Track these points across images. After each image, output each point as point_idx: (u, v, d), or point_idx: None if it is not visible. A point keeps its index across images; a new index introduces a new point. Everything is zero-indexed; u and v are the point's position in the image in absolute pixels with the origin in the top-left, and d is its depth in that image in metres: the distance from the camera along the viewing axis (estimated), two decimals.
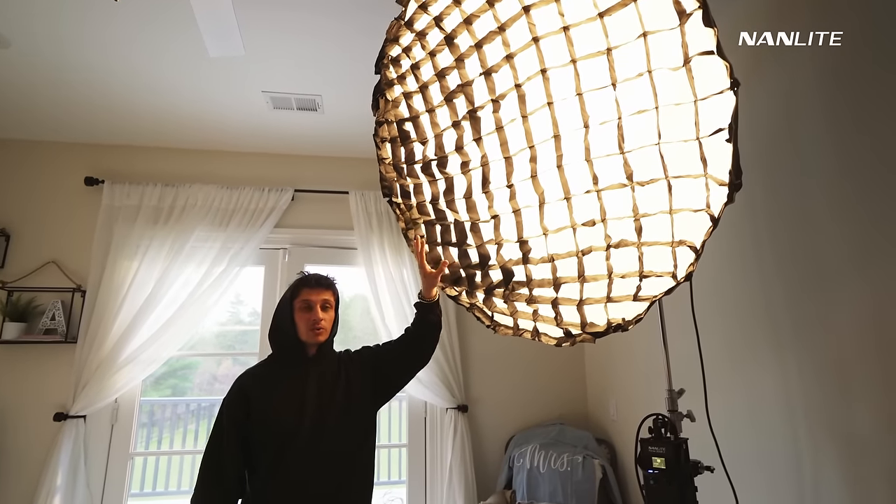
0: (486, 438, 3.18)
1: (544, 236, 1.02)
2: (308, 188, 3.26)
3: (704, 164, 0.83)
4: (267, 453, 1.52)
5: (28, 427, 2.75)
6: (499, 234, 1.17)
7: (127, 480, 2.85)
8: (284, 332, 1.64)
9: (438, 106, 1.19)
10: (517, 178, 1.07)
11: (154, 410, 5.25)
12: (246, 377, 1.63)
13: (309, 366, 1.64)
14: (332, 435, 1.55)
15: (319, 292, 1.67)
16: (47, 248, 2.99)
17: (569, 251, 0.99)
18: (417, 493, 3.10)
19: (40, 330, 2.82)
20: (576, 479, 2.63)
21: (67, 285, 2.92)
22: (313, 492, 1.50)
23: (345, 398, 1.61)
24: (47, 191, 3.08)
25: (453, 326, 3.17)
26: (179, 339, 2.87)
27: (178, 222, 3.00)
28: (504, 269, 1.22)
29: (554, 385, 3.32)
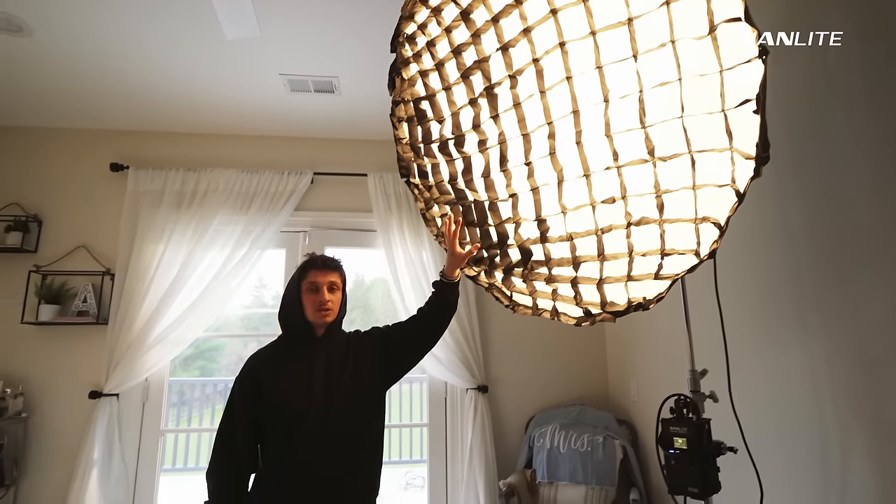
0: (506, 419, 3.19)
1: (563, 214, 1.00)
2: (327, 171, 3.27)
3: (730, 138, 0.80)
4: (276, 434, 1.55)
5: (65, 404, 2.87)
6: (517, 212, 1.16)
7: (159, 456, 2.95)
8: (292, 313, 1.66)
9: (455, 83, 1.17)
10: (535, 156, 1.05)
11: (184, 391, 5.41)
12: (256, 358, 1.66)
13: (317, 346, 1.65)
14: (340, 415, 1.56)
15: (326, 274, 1.68)
16: (77, 233, 3.07)
17: (588, 229, 0.97)
18: (438, 471, 3.14)
19: (73, 312, 2.91)
20: (596, 459, 2.63)
21: (97, 269, 3.00)
22: (322, 474, 1.52)
23: (353, 378, 1.62)
24: (75, 177, 3.15)
25: (473, 307, 3.18)
26: (205, 320, 2.93)
27: (201, 206, 3.04)
28: (522, 249, 1.20)
29: (574, 366, 3.32)
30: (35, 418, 2.84)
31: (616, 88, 0.91)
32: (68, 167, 3.16)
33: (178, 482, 4.80)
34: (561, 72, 0.94)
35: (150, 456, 2.94)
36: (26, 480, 2.78)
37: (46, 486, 2.78)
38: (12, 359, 2.89)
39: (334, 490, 1.52)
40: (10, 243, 2.91)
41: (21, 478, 2.77)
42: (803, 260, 1.64)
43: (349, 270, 1.84)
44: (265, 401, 1.57)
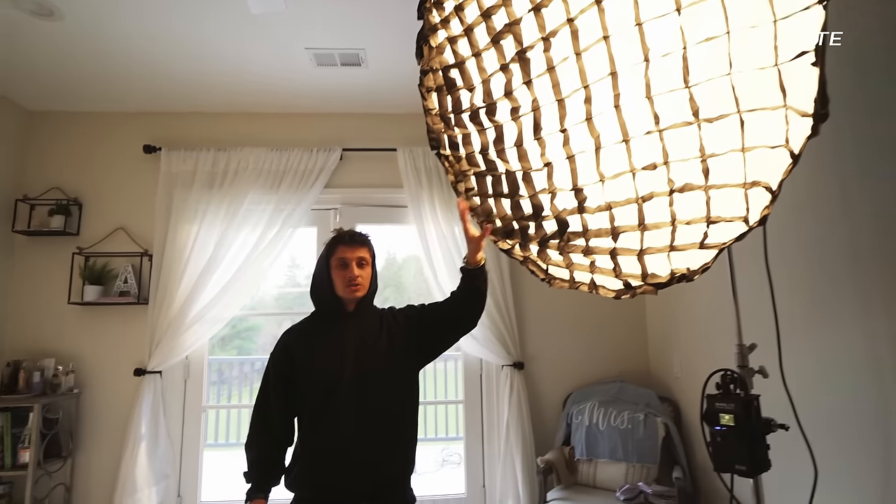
0: (542, 395, 3.21)
1: (601, 183, 0.98)
2: (356, 146, 3.28)
3: (784, 94, 0.76)
4: (310, 406, 1.60)
5: (113, 381, 3.03)
6: (552, 182, 1.13)
7: (202, 431, 3.09)
8: (323, 289, 1.69)
9: (485, 49, 1.15)
10: (571, 122, 1.02)
11: (223, 369, 5.63)
12: (289, 333, 1.71)
13: (348, 321, 1.68)
14: (373, 389, 1.59)
15: (355, 249, 1.69)
16: (115, 216, 3.19)
17: (628, 198, 0.94)
18: (475, 448, 3.19)
19: (115, 292, 3.05)
20: (637, 437, 2.62)
21: (136, 250, 3.12)
22: (356, 448, 1.55)
23: (385, 353, 1.64)
24: (111, 160, 3.26)
25: (507, 282, 3.17)
26: (241, 299, 3.02)
27: (232, 186, 3.11)
28: (559, 220, 1.18)
29: (613, 341, 3.29)
30: (86, 394, 3.02)
31: (657, 46, 0.87)
32: (104, 150, 3.27)
33: (220, 457, 5.03)
34: (597, 31, 0.91)
35: (194, 431, 3.08)
36: (81, 453, 2.97)
37: (99, 459, 2.96)
38: (62, 338, 3.06)
39: (369, 465, 1.55)
40: (53, 226, 3.05)
41: (76, 450, 2.96)
42: (861, 227, 1.56)
43: (380, 248, 1.85)
44: (298, 373, 1.62)
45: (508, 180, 1.29)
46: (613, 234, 1.05)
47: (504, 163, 1.25)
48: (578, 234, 1.18)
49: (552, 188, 1.16)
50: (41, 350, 3.02)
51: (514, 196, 1.31)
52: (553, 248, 1.27)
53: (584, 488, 2.68)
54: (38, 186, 3.17)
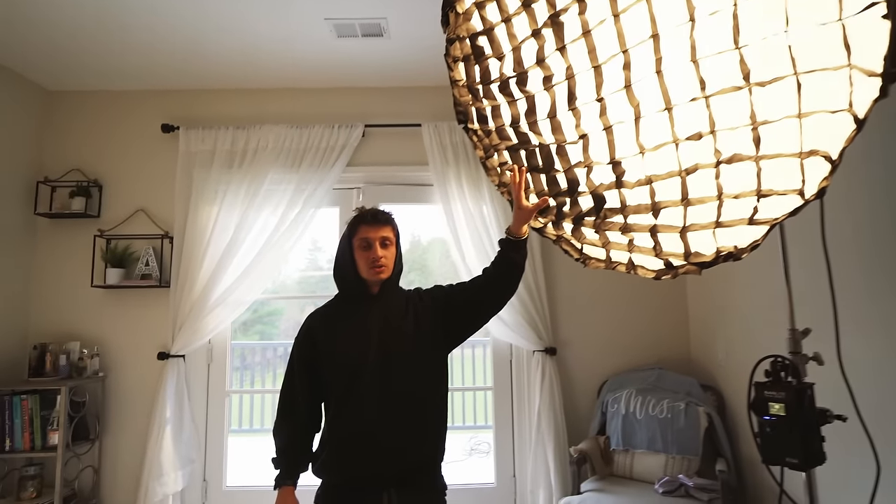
0: (576, 382, 3.20)
1: (641, 155, 0.95)
2: (379, 122, 3.28)
3: (848, 52, 0.72)
4: (335, 390, 1.63)
5: (137, 365, 3.15)
6: (588, 155, 1.11)
7: (226, 416, 3.19)
8: (346, 271, 1.71)
9: (515, 14, 1.12)
10: (608, 90, 0.99)
11: (245, 354, 5.78)
12: (312, 317, 1.74)
13: (372, 304, 1.69)
14: (398, 372, 1.60)
15: (378, 229, 1.69)
16: (135, 197, 3.28)
17: (670, 171, 0.92)
18: (505, 437, 3.21)
19: (137, 275, 3.15)
20: (677, 427, 2.59)
21: (156, 232, 3.21)
22: (382, 433, 1.57)
23: (411, 336, 1.65)
24: (129, 140, 3.33)
25: (538, 262, 3.15)
26: (262, 282, 3.09)
27: (252, 165, 3.15)
28: (595, 195, 1.16)
29: (652, 326, 3.25)
30: (111, 378, 3.14)
31: (704, 4, 0.83)
32: (122, 130, 3.35)
33: (244, 443, 5.19)
34: None
35: (218, 415, 3.18)
36: (108, 435, 3.10)
37: (126, 442, 3.09)
38: (86, 321, 3.18)
39: (395, 450, 1.58)
40: (75, 209, 3.15)
41: (103, 433, 3.09)
42: None
43: (404, 230, 1.85)
44: (322, 358, 1.66)
45: (542, 154, 1.27)
46: (654, 209, 1.03)
47: (537, 136, 1.24)
48: (616, 211, 1.16)
49: (588, 162, 1.14)
50: (66, 333, 3.15)
51: (548, 171, 1.29)
52: (588, 225, 1.25)
53: (620, 480, 2.67)
54: (58, 168, 3.27)
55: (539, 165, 1.31)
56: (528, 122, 1.29)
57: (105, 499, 3.06)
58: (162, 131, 3.26)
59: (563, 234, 1.45)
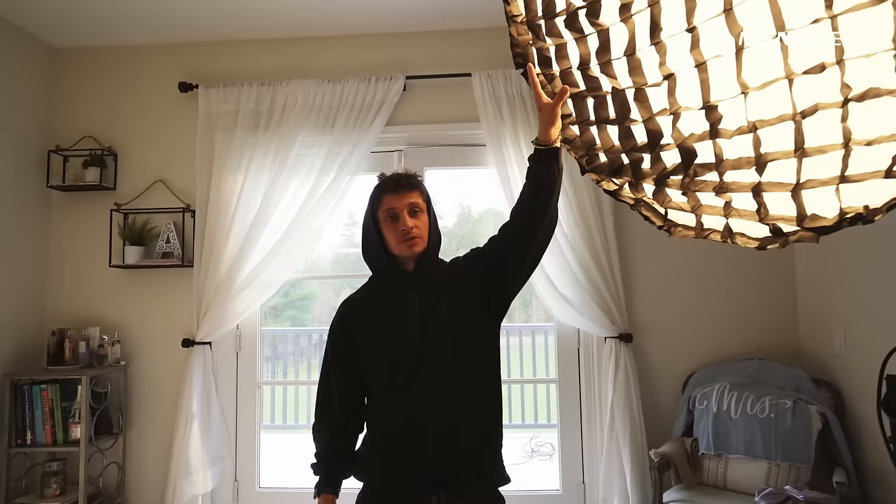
0: (656, 375, 3.16)
1: (743, 96, 0.90)
2: (421, 73, 3.26)
3: None
4: (376, 381, 1.67)
5: (160, 352, 3.31)
6: (675, 99, 1.06)
7: (257, 410, 3.32)
8: (374, 249, 1.71)
9: None
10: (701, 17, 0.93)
11: (276, 343, 5.97)
12: (345, 304, 1.77)
13: (408, 282, 1.69)
14: (440, 355, 1.62)
15: (403, 196, 1.67)
16: (153, 166, 3.40)
17: (781, 114, 0.86)
18: (571, 437, 3.20)
19: (158, 253, 3.29)
20: (783, 429, 2.53)
21: (177, 205, 3.32)
22: (426, 424, 1.59)
23: (451, 311, 1.65)
24: (144, 102, 3.45)
25: (610, 233, 3.11)
26: (294, 259, 3.17)
27: (280, 127, 3.21)
28: (683, 149, 1.11)
29: (750, 308, 3.17)
30: (133, 367, 3.31)
31: None
32: (136, 91, 3.46)
33: (279, 441, 5.40)
34: None
35: (249, 409, 3.31)
36: (133, 429, 3.29)
37: (151, 436, 3.27)
38: (105, 305, 3.35)
39: (443, 443, 1.59)
40: (89, 180, 3.30)
41: (127, 427, 3.28)
42: None
43: (451, 201, 1.85)
44: (357, 349, 1.69)
45: (616, 101, 1.22)
46: (758, 163, 0.97)
47: (610, 79, 1.19)
48: (710, 167, 1.11)
49: (675, 107, 1.09)
50: (85, 318, 3.33)
51: (624, 121, 1.25)
52: (675, 185, 1.20)
53: (711, 489, 2.64)
54: (70, 136, 3.42)
55: (610, 116, 1.27)
56: (600, 63, 1.24)
57: (131, 498, 3.25)
58: (179, 90, 3.35)
59: (642, 197, 1.40)
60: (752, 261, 3.16)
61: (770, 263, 3.18)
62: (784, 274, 3.18)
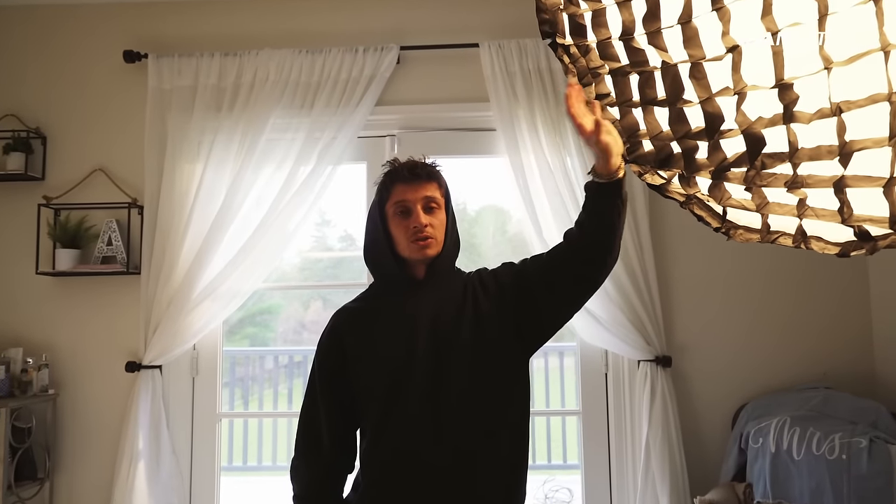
0: (700, 406, 3.18)
1: (826, 72, 0.91)
2: (419, 43, 3.27)
3: None
4: (372, 413, 1.66)
5: (99, 378, 3.29)
6: (740, 76, 1.07)
7: (217, 448, 3.31)
8: (379, 249, 1.72)
9: None
10: None
11: (236, 366, 5.94)
12: (340, 315, 1.78)
13: (419, 292, 1.71)
14: (458, 386, 1.62)
15: (419, 187, 1.69)
16: (91, 152, 3.40)
17: (872, 94, 0.87)
18: (597, 482, 3.21)
19: (97, 258, 3.27)
20: (857, 473, 2.54)
21: (121, 199, 3.32)
22: (433, 467, 1.60)
23: (474, 334, 1.66)
24: (81, 74, 3.44)
25: (645, 234, 3.13)
26: (264, 265, 3.17)
27: (247, 106, 3.22)
28: (749, 135, 1.12)
29: (813, 327, 3.19)
30: (64, 396, 3.29)
31: None
32: (72, 61, 3.45)
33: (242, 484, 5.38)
34: None
35: (207, 447, 3.31)
36: (62, 474, 3.26)
37: (86, 482, 3.24)
38: (32, 320, 3.33)
39: (454, 493, 1.60)
40: (11, 168, 3.28)
41: (55, 470, 3.24)
42: None
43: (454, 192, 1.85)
44: (353, 371, 1.68)
45: (667, 78, 1.23)
46: (842, 153, 0.98)
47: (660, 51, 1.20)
48: (781, 157, 1.12)
49: (740, 86, 1.10)
50: (4, 336, 3.30)
51: (677, 102, 1.26)
52: (736, 180, 1.21)
53: None
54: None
55: (658, 96, 1.28)
56: (648, 33, 1.25)
57: None
58: (124, 61, 3.34)
59: (695, 193, 1.42)
60: (816, 271, 3.19)
61: (838, 274, 3.21)
62: (855, 287, 3.21)
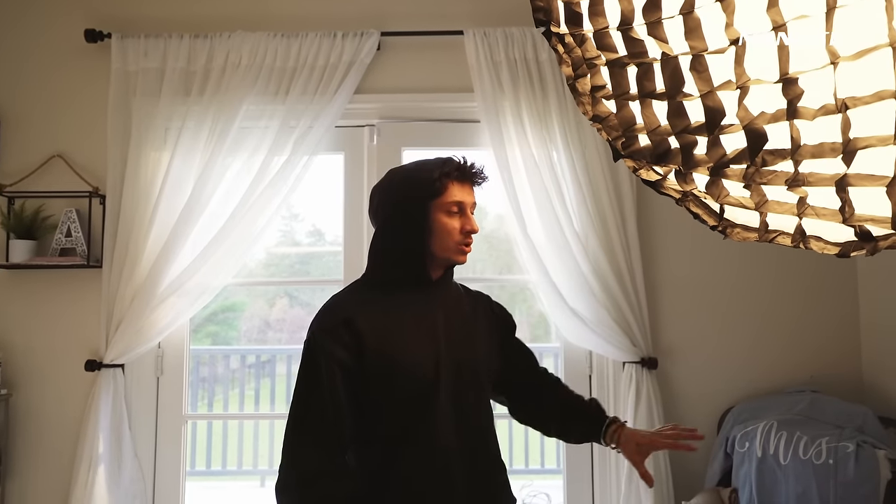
0: (686, 409, 3.22)
1: (832, 67, 0.92)
2: (401, 29, 3.27)
3: None
4: (397, 416, 1.67)
5: (56, 378, 3.25)
6: (743, 70, 1.08)
7: (183, 451, 3.28)
8: (410, 243, 1.71)
9: None
10: None
11: (200, 366, 5.89)
12: (346, 307, 1.71)
13: (434, 292, 1.77)
14: (473, 387, 1.76)
15: (471, 191, 1.78)
16: (49, 137, 3.35)
17: (879, 91, 0.89)
18: (579, 488, 3.24)
19: (54, 250, 3.22)
20: (844, 479, 2.58)
21: (81, 188, 3.27)
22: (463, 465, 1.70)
23: (483, 334, 1.83)
24: (39, 53, 3.39)
25: (632, 232, 3.16)
26: (235, 259, 3.15)
27: (219, 92, 3.19)
28: (751, 131, 1.14)
29: (801, 329, 3.24)
30: (19, 396, 3.24)
31: None
32: (28, 39, 3.40)
33: (208, 489, 5.34)
34: None
35: (172, 450, 3.28)
36: (15, 479, 3.20)
37: (42, 487, 3.20)
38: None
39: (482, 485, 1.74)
40: None
41: (7, 476, 3.19)
42: None
43: None
44: (373, 367, 1.63)
45: (666, 71, 1.24)
46: (846, 151, 1.00)
47: (660, 42, 1.21)
48: (783, 154, 1.14)
49: (743, 80, 1.11)
50: None
51: (676, 95, 1.27)
52: (735, 177, 1.23)
53: None
54: None
55: (657, 89, 1.29)
56: (648, 23, 1.26)
57: None
58: (86, 40, 3.29)
59: (692, 190, 1.43)
60: (804, 273, 3.24)
61: (827, 278, 3.26)
62: (844, 289, 3.27)
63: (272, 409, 5.93)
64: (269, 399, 5.94)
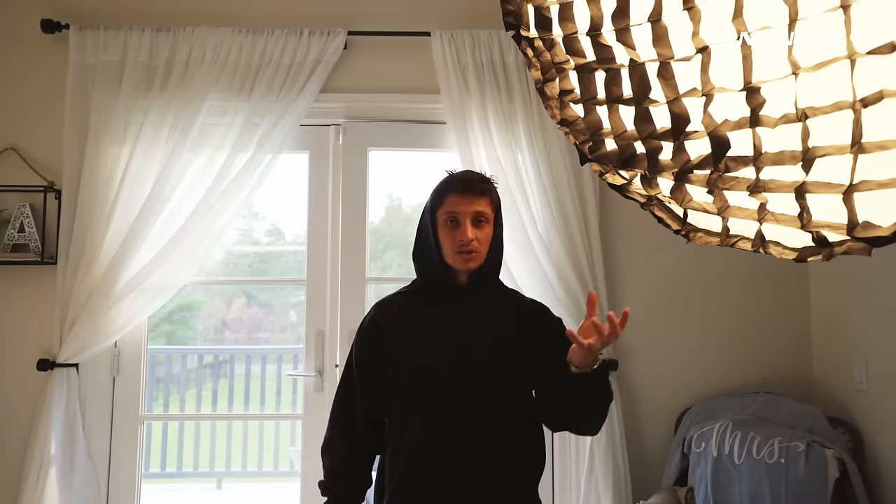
0: (644, 410, 3.26)
1: (793, 77, 0.95)
2: (368, 29, 3.27)
3: None
4: (399, 403, 1.86)
5: (5, 377, 3.17)
6: (708, 78, 1.12)
7: (139, 453, 3.24)
8: (426, 253, 1.90)
9: None
10: None
11: (156, 366, 5.81)
12: (380, 307, 1.96)
13: (459, 298, 1.89)
14: (486, 385, 1.82)
15: (471, 201, 1.85)
16: (2, 129, 3.27)
17: (837, 101, 0.92)
18: (541, 484, 3.24)
19: (6, 246, 3.15)
20: (794, 477, 2.63)
21: (35, 183, 3.21)
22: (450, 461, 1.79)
23: (505, 347, 1.86)
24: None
25: (595, 235, 3.19)
26: (195, 258, 3.12)
27: (181, 87, 3.16)
28: (714, 138, 1.17)
29: (756, 333, 3.30)
30: None
31: None
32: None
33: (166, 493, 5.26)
34: None
35: (128, 452, 3.24)
36: None
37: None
38: None
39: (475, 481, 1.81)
40: None
41: None
42: None
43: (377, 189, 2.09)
44: (388, 361, 1.86)
45: (634, 77, 1.27)
46: (805, 159, 1.04)
47: (628, 49, 1.24)
48: (745, 161, 1.17)
49: (708, 87, 1.14)
50: None
51: (643, 101, 1.30)
52: (699, 182, 1.26)
53: None
54: None
55: (624, 95, 1.32)
56: (617, 29, 1.29)
57: None
58: (42, 31, 3.23)
59: (656, 195, 1.46)
60: (759, 278, 3.30)
61: (780, 282, 3.32)
62: (796, 294, 3.33)
63: (230, 410, 5.87)
64: (226, 399, 5.89)
